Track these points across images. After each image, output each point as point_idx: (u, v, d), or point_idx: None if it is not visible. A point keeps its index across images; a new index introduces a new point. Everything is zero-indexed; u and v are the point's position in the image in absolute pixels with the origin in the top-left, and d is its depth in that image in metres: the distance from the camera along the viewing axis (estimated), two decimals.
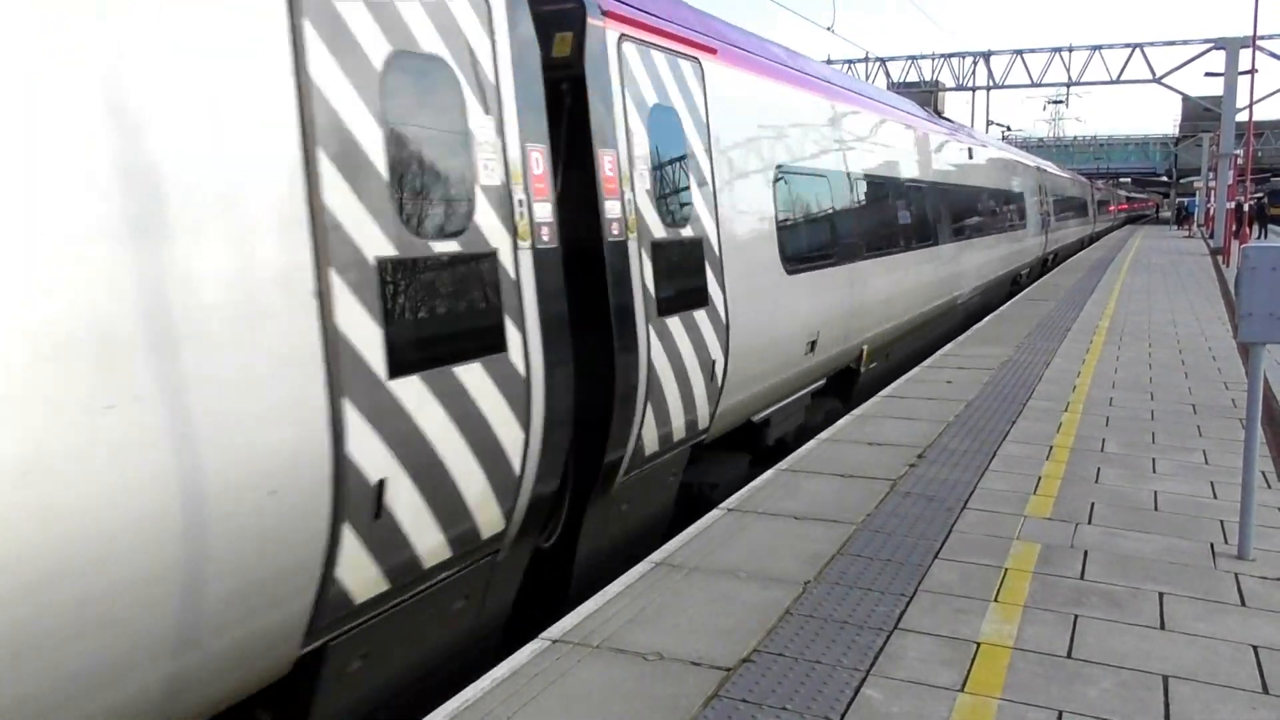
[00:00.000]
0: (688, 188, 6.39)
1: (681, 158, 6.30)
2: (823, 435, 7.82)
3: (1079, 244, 40.24)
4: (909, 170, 12.50)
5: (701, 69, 6.70)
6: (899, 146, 12.21)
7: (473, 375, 4.11)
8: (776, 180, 7.95)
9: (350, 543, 3.56)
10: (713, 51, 6.98)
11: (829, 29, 21.63)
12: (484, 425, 4.21)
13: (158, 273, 2.83)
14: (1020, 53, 44.16)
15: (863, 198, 10.18)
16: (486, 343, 4.18)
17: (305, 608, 3.46)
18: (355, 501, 3.55)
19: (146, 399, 2.78)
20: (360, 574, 3.65)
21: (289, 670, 3.61)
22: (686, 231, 6.28)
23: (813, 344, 8.52)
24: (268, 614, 3.31)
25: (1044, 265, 27.94)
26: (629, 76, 5.75)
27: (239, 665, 3.30)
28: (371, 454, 3.59)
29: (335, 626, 3.66)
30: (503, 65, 4.43)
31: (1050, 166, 32.90)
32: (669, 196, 6.13)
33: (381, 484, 3.66)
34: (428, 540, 3.98)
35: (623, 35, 5.71)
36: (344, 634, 3.76)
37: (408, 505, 3.83)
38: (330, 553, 3.48)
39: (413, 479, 3.83)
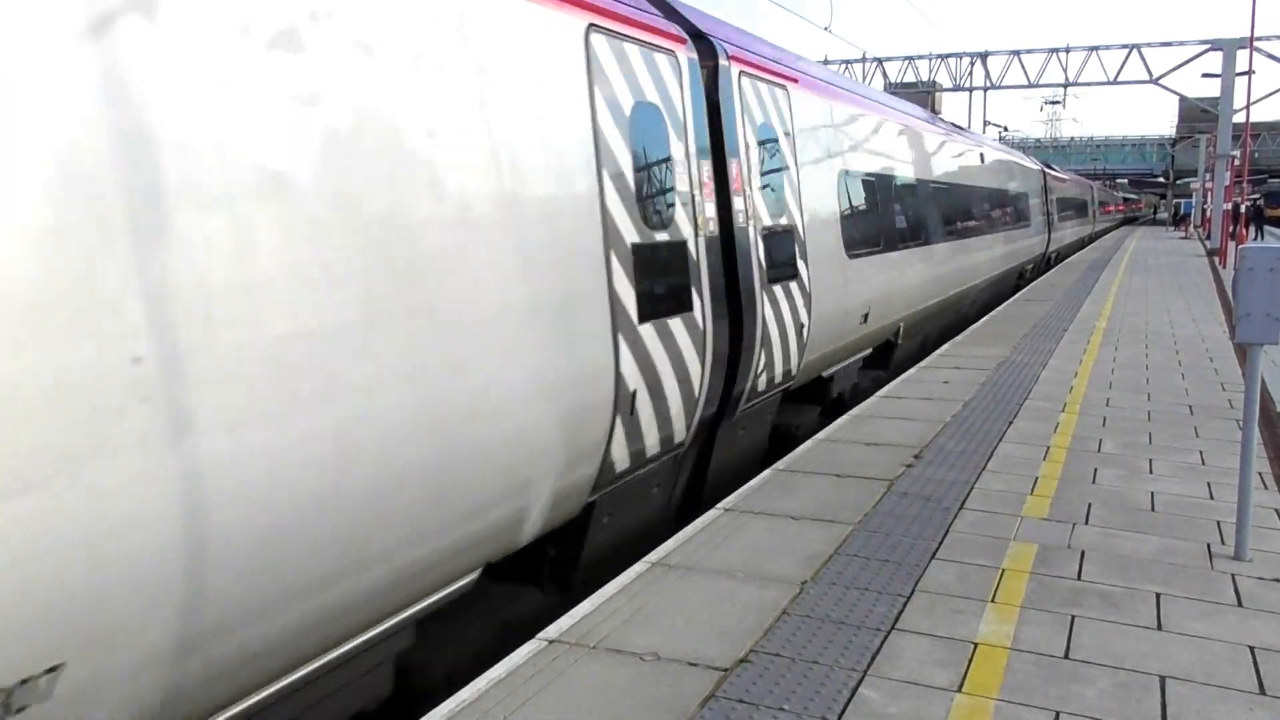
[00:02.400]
0: (783, 188, 8.04)
1: (778, 165, 8.02)
2: (819, 435, 7.82)
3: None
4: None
5: (789, 94, 8.40)
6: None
7: (676, 325, 5.84)
8: (841, 181, 9.65)
9: (618, 429, 5.23)
10: (795, 80, 8.70)
11: (826, 29, 21.63)
12: (681, 361, 5.96)
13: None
14: (1017, 53, 44.19)
15: (896, 192, 12.18)
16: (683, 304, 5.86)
17: (594, 471, 5.09)
18: (623, 402, 5.21)
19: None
20: (619, 453, 5.29)
21: (578, 513, 5.20)
22: (784, 221, 7.93)
23: (865, 316, 10.06)
24: (581, 471, 4.93)
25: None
26: (744, 102, 7.35)
27: (567, 501, 4.93)
28: (629, 372, 5.28)
29: (603, 487, 5.29)
30: (688, 105, 6.21)
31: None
32: (771, 194, 7.75)
33: (634, 393, 5.34)
34: (651, 436, 5.64)
35: (741, 71, 7.32)
36: (606, 493, 5.38)
37: (645, 409, 5.51)
38: (610, 435, 5.16)
39: (648, 392, 5.50)
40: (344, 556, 3.48)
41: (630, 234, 5.30)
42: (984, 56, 44.83)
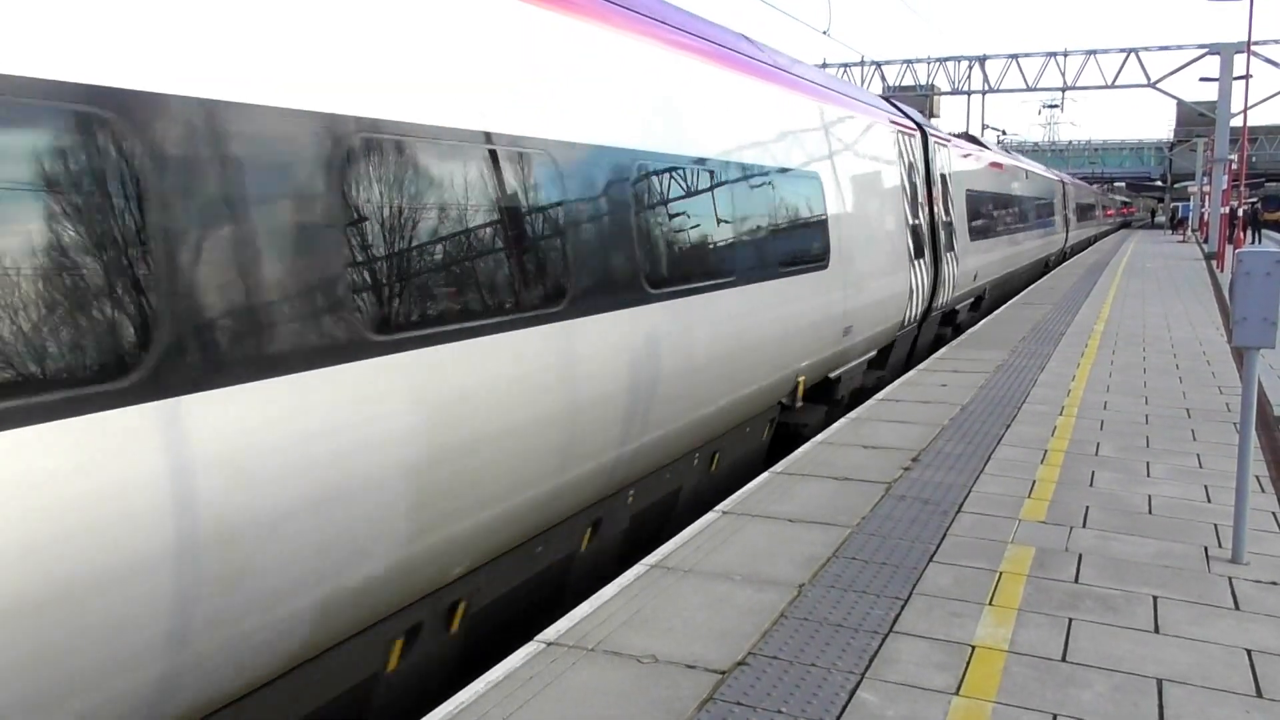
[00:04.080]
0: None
1: None
2: (818, 438, 7.82)
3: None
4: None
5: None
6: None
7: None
8: None
9: None
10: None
11: (824, 33, 21.66)
12: None
13: None
14: (1015, 57, 44.26)
15: None
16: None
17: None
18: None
19: None
20: None
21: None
22: None
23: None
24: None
25: None
26: None
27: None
28: None
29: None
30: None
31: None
32: None
33: None
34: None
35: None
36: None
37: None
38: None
39: None
40: None
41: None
42: (982, 60, 44.89)
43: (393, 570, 3.90)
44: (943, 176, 14.13)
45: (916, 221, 11.94)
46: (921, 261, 12.01)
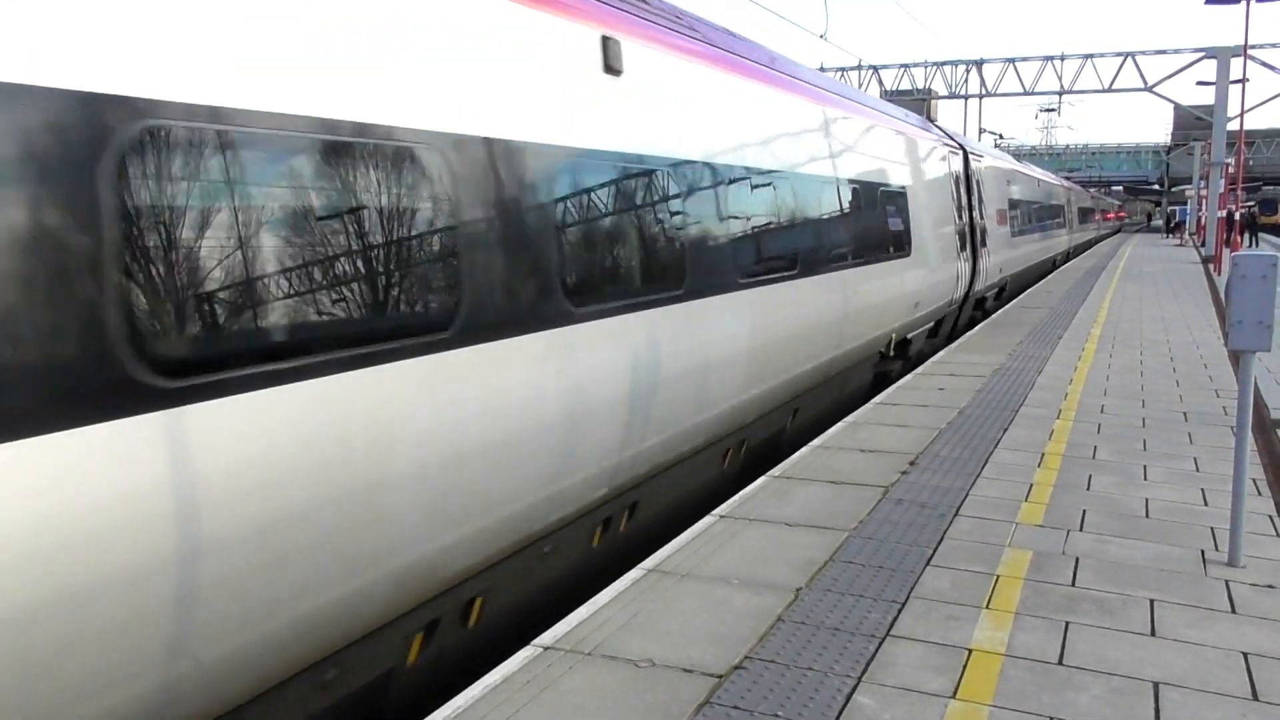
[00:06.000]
0: None
1: None
2: (815, 442, 7.83)
3: None
4: None
5: None
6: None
7: None
8: None
9: None
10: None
11: (822, 36, 21.69)
12: None
13: None
14: (1013, 61, 44.30)
15: None
16: None
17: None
18: None
19: None
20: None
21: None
22: None
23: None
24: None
25: None
26: None
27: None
28: None
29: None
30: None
31: None
32: None
33: None
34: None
35: None
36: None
37: None
38: None
39: None
40: None
41: None
42: (979, 64, 44.94)
43: None
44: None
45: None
46: None
